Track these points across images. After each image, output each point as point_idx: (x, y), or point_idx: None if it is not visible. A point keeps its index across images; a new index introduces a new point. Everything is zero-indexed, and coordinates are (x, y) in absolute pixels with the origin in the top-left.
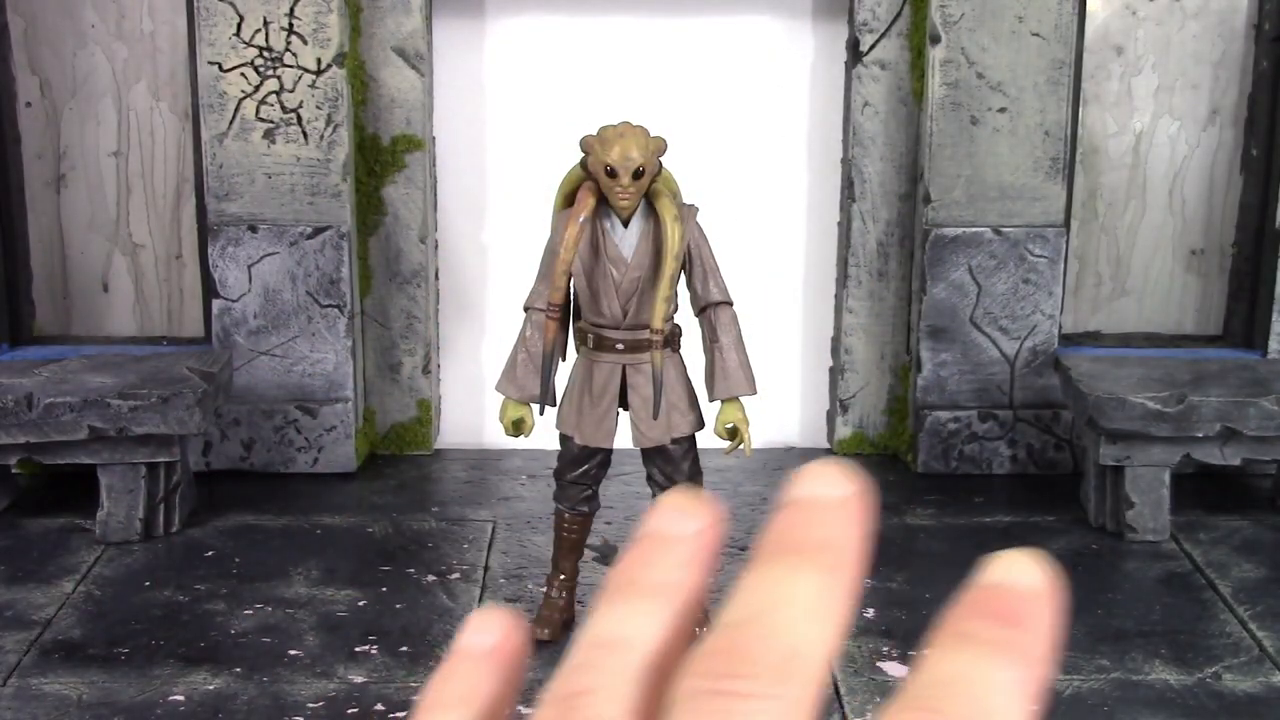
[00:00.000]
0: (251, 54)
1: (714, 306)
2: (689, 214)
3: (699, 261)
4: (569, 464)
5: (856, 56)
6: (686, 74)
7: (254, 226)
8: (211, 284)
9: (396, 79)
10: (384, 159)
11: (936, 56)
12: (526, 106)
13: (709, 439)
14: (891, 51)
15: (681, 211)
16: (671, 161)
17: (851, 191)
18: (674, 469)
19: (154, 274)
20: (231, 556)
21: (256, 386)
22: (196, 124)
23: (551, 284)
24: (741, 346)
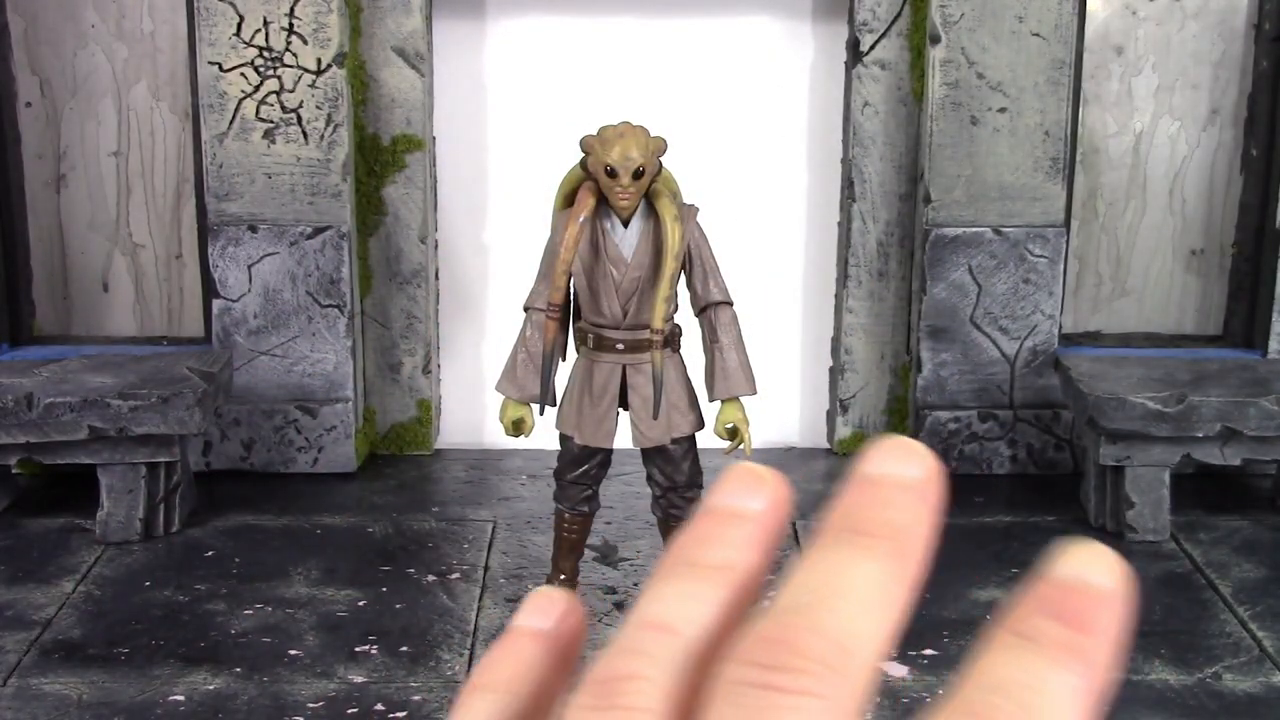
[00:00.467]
0: (251, 54)
1: (714, 306)
2: (689, 214)
3: (699, 261)
4: (569, 464)
5: (856, 56)
6: (686, 74)
7: (254, 226)
8: (211, 284)
9: (396, 79)
10: (384, 159)
11: (936, 56)
12: (526, 106)
13: (709, 439)
14: (891, 51)
15: (681, 211)
16: (671, 161)
17: (851, 191)
18: (674, 469)
19: (154, 274)
20: (231, 556)
21: (256, 386)
22: (196, 124)
23: (551, 284)
24: (741, 346)
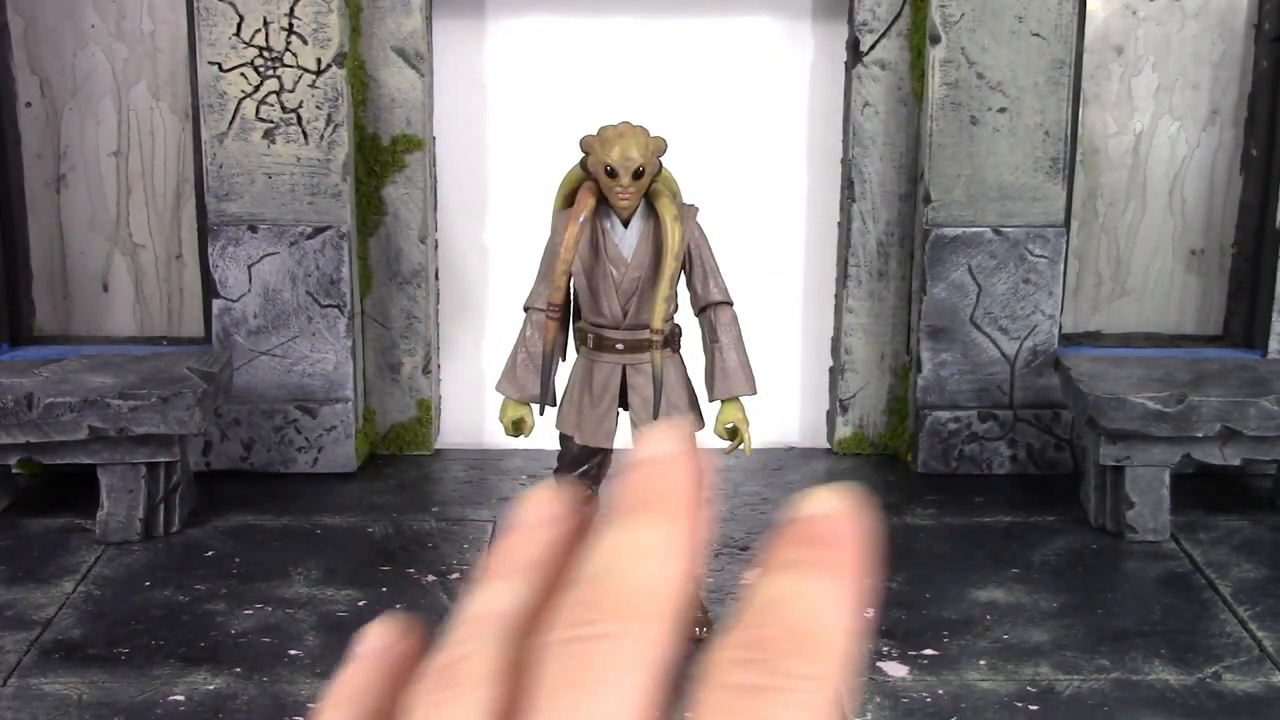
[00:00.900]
0: (251, 54)
1: (714, 306)
2: (689, 214)
3: (699, 261)
4: (569, 464)
5: (856, 56)
6: (686, 74)
7: (254, 226)
8: (211, 284)
9: (396, 79)
10: (384, 159)
11: (936, 56)
12: (526, 107)
13: (709, 439)
14: (891, 51)
15: (681, 211)
16: (671, 161)
17: (851, 191)
18: None
19: (154, 274)
20: (231, 556)
21: (256, 386)
22: (196, 124)
23: (551, 284)
24: (741, 346)
